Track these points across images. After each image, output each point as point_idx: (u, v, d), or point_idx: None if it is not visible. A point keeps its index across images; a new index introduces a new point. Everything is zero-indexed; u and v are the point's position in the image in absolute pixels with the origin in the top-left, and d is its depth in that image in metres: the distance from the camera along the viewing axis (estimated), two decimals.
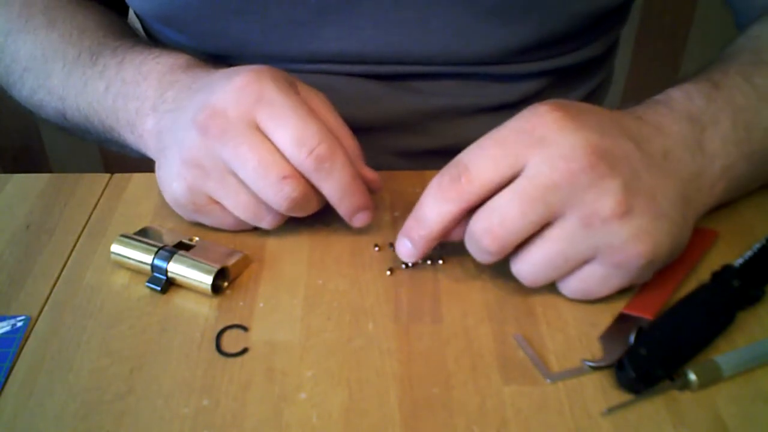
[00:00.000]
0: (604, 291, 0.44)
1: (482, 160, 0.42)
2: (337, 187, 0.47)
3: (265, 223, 0.49)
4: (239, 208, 0.48)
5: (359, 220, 0.49)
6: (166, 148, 0.50)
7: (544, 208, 0.41)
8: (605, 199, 0.41)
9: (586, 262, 0.43)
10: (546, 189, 0.41)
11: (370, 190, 0.50)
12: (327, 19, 0.59)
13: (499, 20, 0.58)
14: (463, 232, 0.44)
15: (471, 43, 0.60)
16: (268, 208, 0.48)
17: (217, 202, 0.49)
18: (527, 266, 0.44)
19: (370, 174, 0.50)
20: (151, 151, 0.53)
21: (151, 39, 0.70)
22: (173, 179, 0.49)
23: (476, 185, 0.42)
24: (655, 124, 0.46)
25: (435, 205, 0.44)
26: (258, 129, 0.46)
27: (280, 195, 0.46)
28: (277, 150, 0.46)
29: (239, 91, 0.46)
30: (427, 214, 0.44)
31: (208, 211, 0.50)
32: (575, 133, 0.41)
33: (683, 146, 0.46)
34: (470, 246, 0.44)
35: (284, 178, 0.45)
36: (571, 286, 0.45)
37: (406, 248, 0.46)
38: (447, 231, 0.44)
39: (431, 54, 0.61)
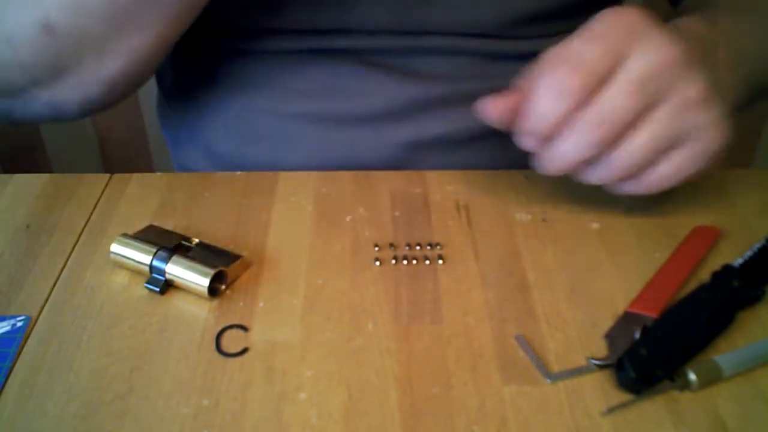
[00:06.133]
0: (673, 182, 0.47)
1: (593, 54, 0.44)
2: None
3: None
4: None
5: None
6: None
7: (645, 98, 0.44)
8: (694, 85, 0.45)
9: (671, 148, 0.46)
10: (645, 79, 0.44)
11: None
12: None
13: None
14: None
15: (468, 10, 0.61)
16: None
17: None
18: (625, 154, 0.45)
19: None
20: None
21: None
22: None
23: (595, 78, 0.44)
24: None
25: (555, 99, 0.45)
26: None
27: None
28: None
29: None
30: (543, 110, 0.45)
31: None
32: (663, 29, 0.45)
33: (706, 59, 0.48)
34: (570, 140, 0.46)
35: None
36: (646, 179, 0.47)
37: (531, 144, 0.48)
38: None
39: (430, 22, 0.61)
